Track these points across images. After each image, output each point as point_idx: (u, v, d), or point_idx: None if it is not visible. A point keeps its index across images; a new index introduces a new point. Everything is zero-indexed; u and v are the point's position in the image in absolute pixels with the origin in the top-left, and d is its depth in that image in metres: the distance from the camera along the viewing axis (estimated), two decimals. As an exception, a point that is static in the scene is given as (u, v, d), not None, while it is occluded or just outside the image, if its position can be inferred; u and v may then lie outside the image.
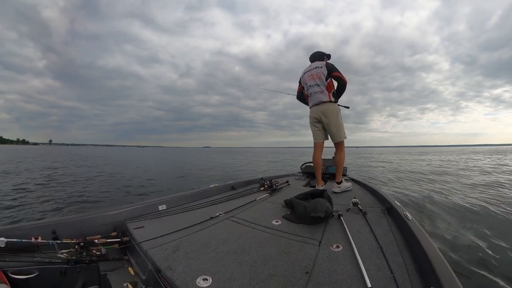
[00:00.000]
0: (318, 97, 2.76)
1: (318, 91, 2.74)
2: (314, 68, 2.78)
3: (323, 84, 2.71)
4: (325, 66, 2.70)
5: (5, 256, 1.23)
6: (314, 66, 2.79)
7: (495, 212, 3.85)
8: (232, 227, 1.66)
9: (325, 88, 2.72)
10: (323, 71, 2.69)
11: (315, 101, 2.82)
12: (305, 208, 1.71)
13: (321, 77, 2.70)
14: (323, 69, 2.70)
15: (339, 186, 2.73)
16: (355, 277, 1.02)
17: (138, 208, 1.96)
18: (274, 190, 2.76)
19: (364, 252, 1.22)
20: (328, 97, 2.72)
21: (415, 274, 1.03)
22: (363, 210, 1.85)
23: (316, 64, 2.79)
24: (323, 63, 2.75)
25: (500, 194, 5.32)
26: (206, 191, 2.65)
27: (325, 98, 2.73)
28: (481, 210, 4.00)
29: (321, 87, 2.72)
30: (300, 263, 1.14)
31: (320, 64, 2.75)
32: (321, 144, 2.95)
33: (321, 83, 2.71)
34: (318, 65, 2.75)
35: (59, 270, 1.26)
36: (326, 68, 2.69)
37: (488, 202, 4.54)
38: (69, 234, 1.50)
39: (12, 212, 4.32)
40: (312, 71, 2.79)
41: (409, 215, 1.52)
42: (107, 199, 5.59)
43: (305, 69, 2.93)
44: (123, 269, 1.39)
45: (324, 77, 2.69)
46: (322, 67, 2.71)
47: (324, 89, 2.72)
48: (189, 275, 1.05)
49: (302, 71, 2.97)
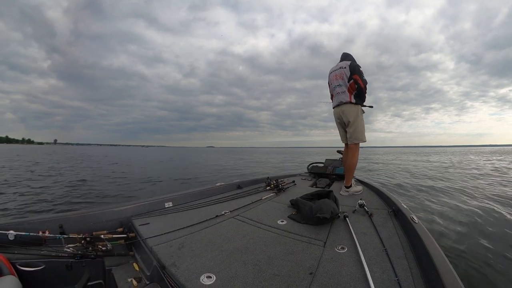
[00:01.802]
0: (340, 98, 2.71)
1: (340, 91, 2.70)
2: (338, 68, 2.72)
3: (345, 85, 2.65)
4: (349, 66, 2.62)
5: (14, 248, 1.25)
6: (339, 66, 2.72)
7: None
8: (237, 225, 1.66)
9: (347, 89, 2.65)
10: (346, 72, 2.62)
11: (337, 102, 2.77)
12: (311, 208, 1.69)
13: (343, 77, 2.64)
14: (346, 69, 2.62)
15: (347, 190, 2.66)
16: (359, 280, 1.01)
17: (145, 205, 1.98)
18: (280, 190, 2.74)
19: (369, 255, 1.21)
20: (349, 98, 2.64)
21: (419, 278, 1.02)
22: (369, 212, 1.83)
23: (342, 64, 2.72)
24: (347, 63, 2.66)
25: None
26: (212, 189, 2.66)
27: (346, 99, 2.66)
28: (500, 217, 3.82)
29: (343, 87, 2.67)
30: (305, 264, 1.13)
31: (345, 64, 2.67)
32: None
33: (343, 83, 2.65)
34: (343, 66, 2.68)
35: (65, 264, 1.28)
36: (349, 69, 2.61)
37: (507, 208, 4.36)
38: (75, 229, 1.52)
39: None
40: (336, 71, 2.73)
41: (415, 218, 1.49)
42: (120, 196, 5.73)
43: (332, 68, 2.86)
44: (128, 265, 1.41)
45: (347, 78, 2.62)
46: (346, 68, 2.63)
47: (346, 90, 2.65)
48: (193, 272, 1.05)
49: (329, 69, 2.91)
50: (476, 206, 4.43)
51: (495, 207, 4.25)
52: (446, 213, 4.06)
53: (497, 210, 4.08)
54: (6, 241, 1.28)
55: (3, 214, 4.03)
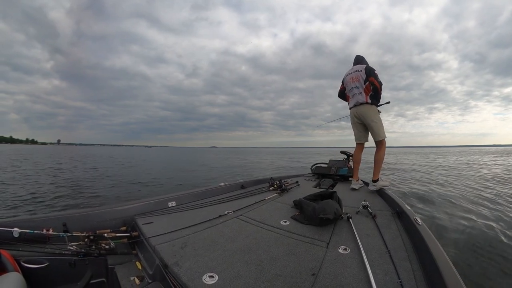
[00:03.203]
0: (357, 99, 2.95)
1: (357, 93, 2.93)
2: (355, 71, 2.96)
3: (361, 87, 2.90)
4: (365, 69, 2.87)
5: (18, 245, 1.27)
6: (355, 69, 2.98)
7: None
8: (240, 225, 1.65)
9: (363, 90, 2.89)
10: (362, 74, 2.87)
11: (354, 102, 3.00)
12: (314, 209, 1.68)
13: (360, 80, 2.89)
14: (362, 72, 2.87)
15: (374, 185, 2.79)
16: (362, 281, 1.00)
17: (148, 204, 1.99)
18: (283, 190, 2.74)
19: (372, 256, 1.20)
20: (365, 99, 2.88)
21: (422, 280, 1.01)
22: (373, 213, 1.81)
23: (357, 67, 2.98)
24: (363, 66, 2.92)
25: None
26: (216, 189, 2.66)
27: (362, 100, 2.90)
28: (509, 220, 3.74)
29: (360, 89, 2.91)
30: (307, 265, 1.12)
31: (360, 67, 2.93)
32: (361, 144, 3.16)
33: (360, 85, 2.90)
34: (359, 69, 2.93)
35: (68, 262, 1.29)
36: (365, 72, 2.86)
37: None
38: (79, 227, 1.53)
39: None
40: (352, 74, 2.98)
41: (419, 220, 1.48)
42: (133, 193, 5.88)
43: (347, 71, 3.12)
44: (130, 263, 1.41)
45: (363, 80, 2.87)
46: (361, 71, 2.88)
47: (362, 92, 2.90)
48: (196, 272, 1.05)
49: (345, 72, 3.17)
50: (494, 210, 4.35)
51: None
52: (456, 215, 4.00)
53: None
54: (11, 238, 1.30)
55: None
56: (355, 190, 2.92)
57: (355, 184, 3.02)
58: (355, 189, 2.93)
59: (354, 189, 2.94)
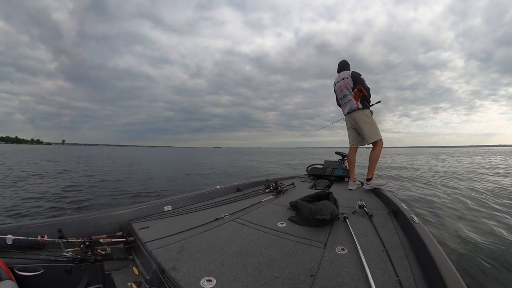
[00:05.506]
0: (349, 106, 3.06)
1: (348, 100, 3.05)
2: (342, 79, 3.08)
3: (350, 94, 3.00)
4: (351, 77, 2.98)
5: (12, 253, 1.24)
6: (341, 77, 3.09)
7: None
8: (237, 228, 1.65)
9: (353, 97, 2.99)
10: (349, 82, 2.98)
11: (347, 110, 3.11)
12: (311, 210, 1.69)
13: (348, 87, 3.00)
14: (349, 80, 2.98)
15: (368, 183, 2.82)
16: (360, 280, 1.00)
17: (144, 209, 1.97)
18: (279, 192, 2.75)
19: (370, 255, 1.21)
20: (357, 105, 2.98)
21: (420, 278, 1.02)
22: (369, 212, 1.83)
23: (343, 74, 3.08)
24: (348, 73, 3.02)
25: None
26: (212, 192, 2.65)
27: (354, 107, 3.00)
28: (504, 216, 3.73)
29: (349, 96, 3.01)
30: (305, 266, 1.13)
31: (346, 74, 3.03)
32: (354, 148, 3.25)
33: (349, 93, 3.01)
34: (345, 76, 3.04)
35: (64, 269, 1.27)
36: (351, 79, 2.96)
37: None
38: (74, 233, 1.51)
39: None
40: (340, 82, 3.09)
41: (415, 218, 1.50)
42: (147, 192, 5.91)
43: (335, 80, 3.23)
44: (127, 269, 1.40)
45: (351, 87, 2.97)
46: (348, 78, 2.99)
47: (352, 98, 2.99)
48: (193, 276, 1.04)
49: (333, 81, 3.29)
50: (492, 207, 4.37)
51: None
52: (449, 213, 4.04)
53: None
54: (4, 246, 1.27)
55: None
56: (352, 190, 2.94)
57: (352, 185, 3.05)
58: (352, 190, 2.95)
59: (351, 190, 2.97)
